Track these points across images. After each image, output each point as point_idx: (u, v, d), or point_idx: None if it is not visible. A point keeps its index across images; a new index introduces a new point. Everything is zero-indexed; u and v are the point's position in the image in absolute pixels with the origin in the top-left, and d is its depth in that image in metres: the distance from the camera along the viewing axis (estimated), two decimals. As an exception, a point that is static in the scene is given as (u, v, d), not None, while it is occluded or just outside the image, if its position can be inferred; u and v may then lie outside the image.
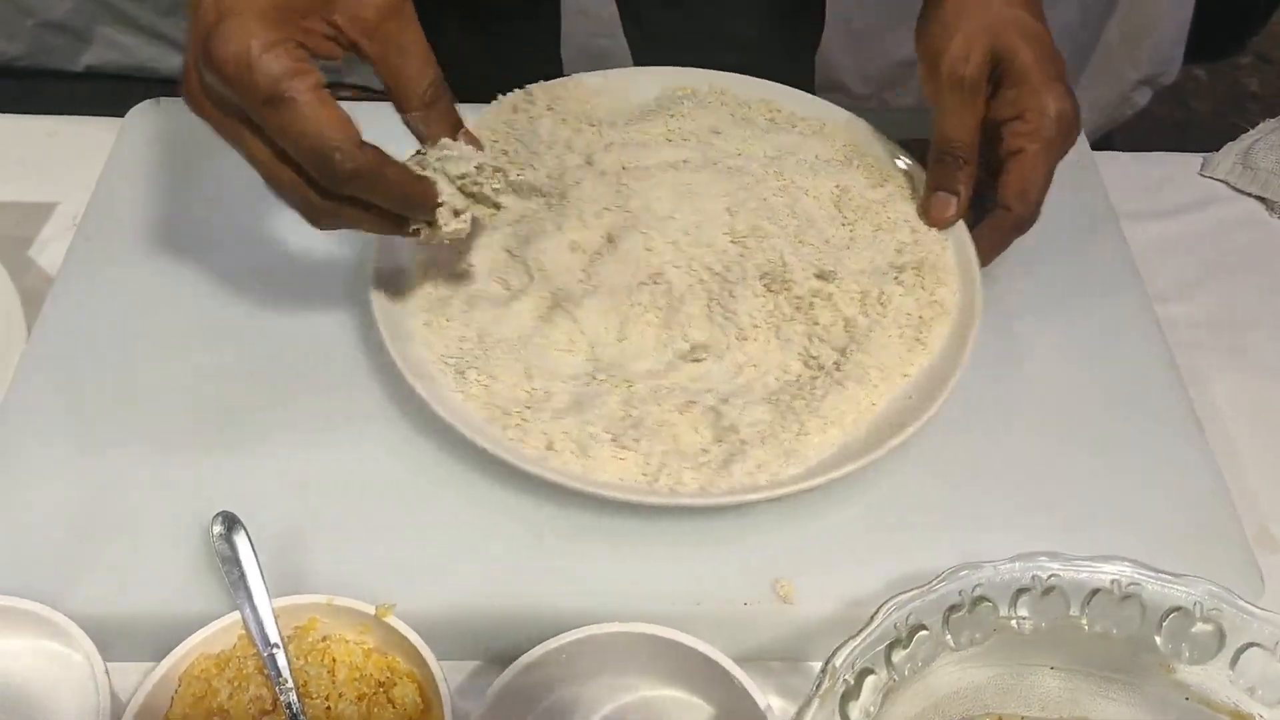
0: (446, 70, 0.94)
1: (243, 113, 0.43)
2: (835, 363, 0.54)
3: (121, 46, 1.78)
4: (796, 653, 0.51)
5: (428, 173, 0.47)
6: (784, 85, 0.68)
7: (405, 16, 0.46)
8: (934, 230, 0.60)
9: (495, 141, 0.64)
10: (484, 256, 0.58)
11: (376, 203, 0.45)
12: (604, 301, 0.56)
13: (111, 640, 0.47)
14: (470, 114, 0.66)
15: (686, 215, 0.60)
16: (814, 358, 0.55)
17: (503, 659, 0.47)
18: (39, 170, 0.71)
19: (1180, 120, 1.85)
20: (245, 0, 0.42)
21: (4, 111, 0.75)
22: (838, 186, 0.62)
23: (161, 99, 0.71)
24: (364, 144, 0.43)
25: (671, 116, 0.65)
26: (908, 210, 0.62)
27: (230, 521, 0.49)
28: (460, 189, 0.48)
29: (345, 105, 0.67)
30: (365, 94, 1.89)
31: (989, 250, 0.58)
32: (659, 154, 0.63)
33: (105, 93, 1.79)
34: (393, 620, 0.47)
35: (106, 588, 0.49)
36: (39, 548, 0.50)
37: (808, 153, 0.64)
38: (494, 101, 0.65)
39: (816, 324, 0.56)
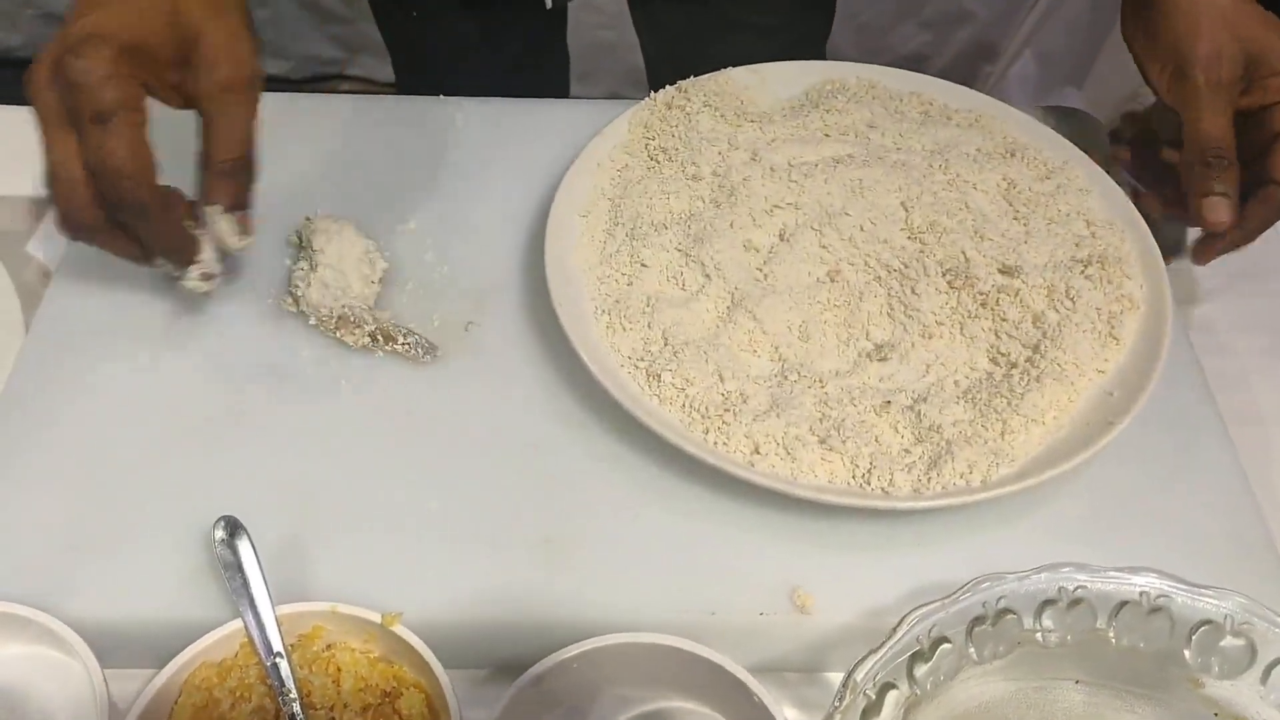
0: (455, 63, 0.94)
1: (71, 115, 0.48)
2: (1028, 359, 0.54)
3: (119, 39, 1.80)
4: (813, 663, 0.50)
5: (199, 232, 0.51)
6: (934, 78, 0.68)
7: (245, 94, 0.50)
8: (1110, 223, 0.61)
9: (652, 139, 0.65)
10: (657, 257, 0.58)
11: (141, 236, 0.49)
12: (784, 301, 0.56)
13: (110, 647, 0.46)
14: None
15: (861, 211, 0.60)
16: (1003, 354, 0.55)
17: (511, 668, 0.46)
18: (36, 163, 0.66)
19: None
20: (116, 26, 0.47)
21: (5, 103, 0.72)
22: (1004, 179, 0.63)
23: None
24: (157, 185, 0.48)
25: (827, 112, 0.65)
26: (1078, 202, 0.62)
27: (233, 526, 0.48)
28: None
29: (347, 98, 0.70)
30: (366, 86, 1.82)
31: (1257, 228, 0.59)
32: (820, 149, 0.63)
33: None
34: (399, 629, 0.46)
35: (104, 593, 0.48)
36: (36, 551, 0.49)
37: (969, 146, 0.64)
38: (646, 98, 0.66)
39: (1004, 320, 0.56)
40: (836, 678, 0.51)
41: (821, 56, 0.97)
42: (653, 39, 1.00)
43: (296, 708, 0.45)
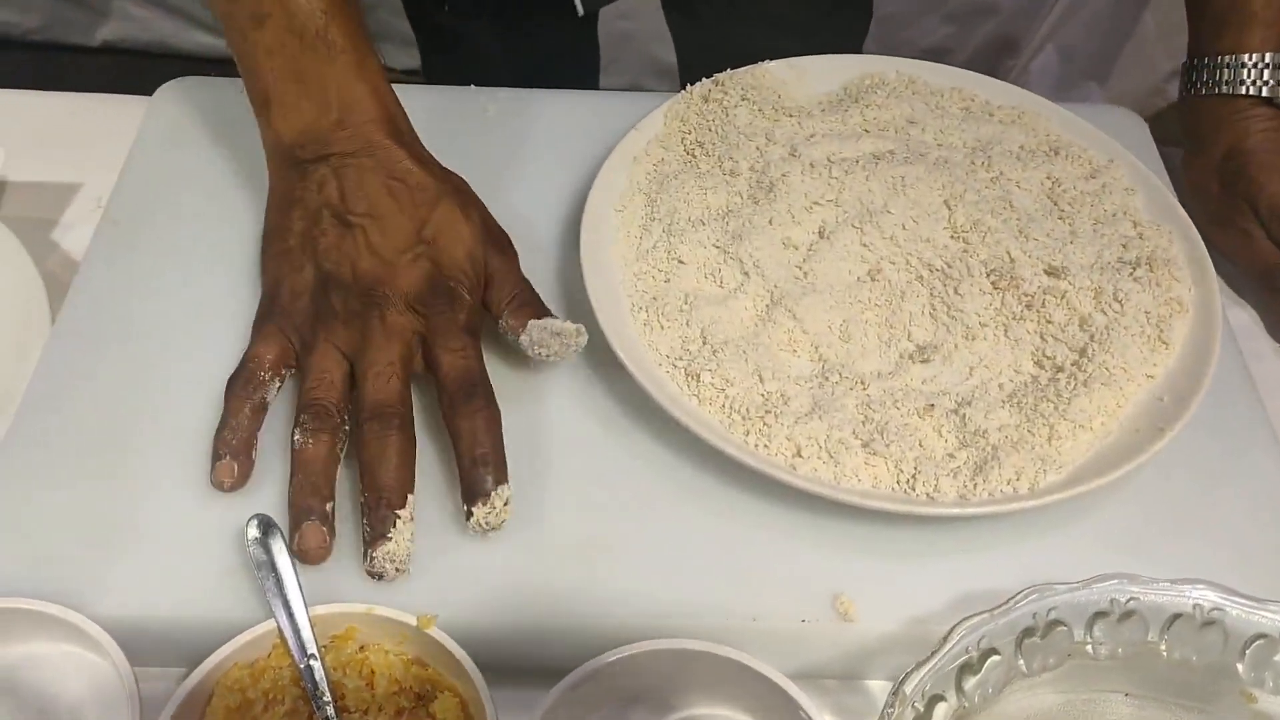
0: (484, 54, 0.96)
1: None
2: (1075, 363, 0.53)
3: (139, 21, 1.77)
4: (852, 671, 0.49)
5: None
6: (974, 73, 0.67)
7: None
8: (1156, 224, 0.60)
9: (688, 133, 0.64)
10: (695, 253, 0.57)
11: (362, 458, 0.49)
12: (824, 300, 0.55)
13: (139, 645, 0.45)
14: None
15: (902, 209, 0.59)
16: (1049, 358, 0.54)
17: (546, 672, 0.45)
18: (62, 150, 0.68)
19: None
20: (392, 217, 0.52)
21: (21, 87, 0.73)
22: (1048, 178, 0.62)
23: (190, 78, 0.69)
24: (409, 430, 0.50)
25: (866, 107, 0.64)
26: (1123, 202, 0.61)
27: (266, 525, 0.47)
28: None
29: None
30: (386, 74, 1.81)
31: None
32: (860, 145, 0.62)
33: (123, 69, 1.79)
34: (434, 631, 0.45)
35: (134, 591, 0.47)
36: (65, 549, 0.48)
37: (1011, 143, 0.63)
38: (682, 91, 0.66)
39: (1050, 322, 0.55)
40: (877, 685, 0.51)
41: (859, 51, 0.97)
42: (685, 33, 0.99)
43: (330, 711, 0.44)
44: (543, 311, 0.54)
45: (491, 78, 0.71)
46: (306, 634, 0.45)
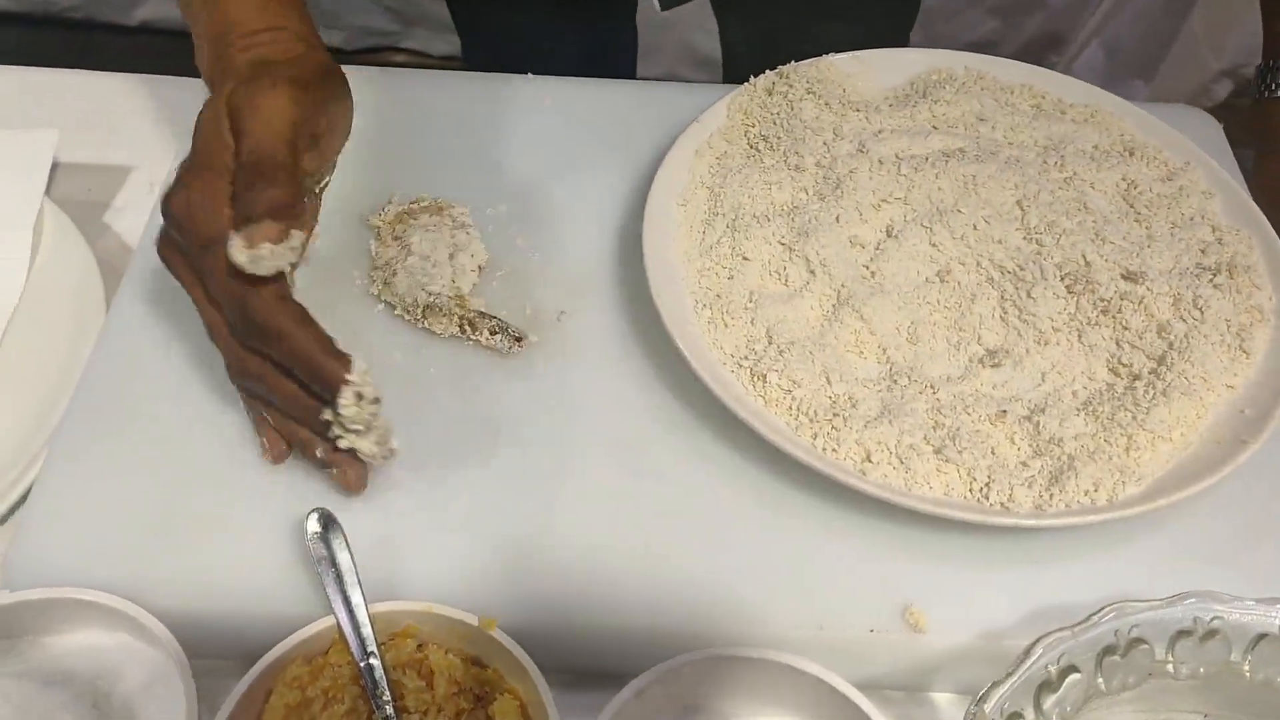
0: (524, 39, 0.93)
1: (190, 259, 0.47)
2: (1153, 371, 0.51)
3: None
4: (918, 683, 0.48)
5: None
6: (1045, 69, 0.66)
7: None
8: (1235, 229, 0.58)
9: (752, 126, 0.62)
10: (759, 250, 0.56)
11: (284, 363, 0.46)
12: (892, 300, 0.54)
13: (195, 638, 0.45)
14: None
15: (973, 209, 0.57)
16: (1125, 365, 0.52)
17: (604, 676, 0.45)
18: (113, 131, 0.68)
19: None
20: (207, 163, 0.47)
21: (58, 64, 0.72)
22: (1124, 179, 0.60)
23: None
24: (286, 297, 0.46)
25: (935, 103, 0.63)
26: (1201, 206, 0.59)
27: (326, 519, 0.46)
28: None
29: (424, 74, 0.67)
30: (420, 60, 1.80)
31: None
32: (929, 143, 0.60)
33: (160, 48, 1.66)
34: (496, 632, 0.44)
35: (191, 584, 0.46)
36: (122, 539, 0.48)
37: (1084, 142, 0.62)
38: (746, 83, 0.64)
39: (1126, 328, 0.53)
40: (943, 698, 0.49)
41: (905, 44, 0.95)
42: (731, 22, 0.98)
43: (390, 710, 0.44)
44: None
45: (530, 64, 0.70)
46: (366, 631, 0.44)
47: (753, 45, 0.96)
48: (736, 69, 0.98)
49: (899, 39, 0.94)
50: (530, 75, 0.69)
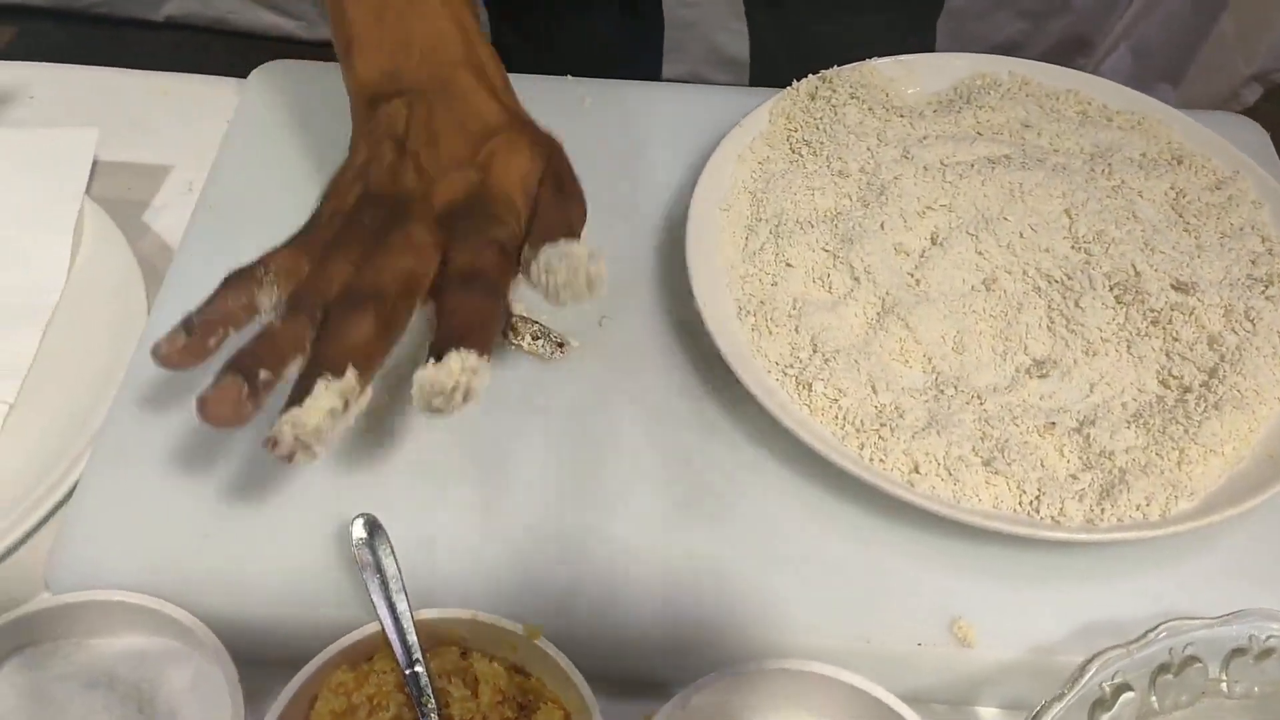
0: (548, 40, 0.94)
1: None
2: (1204, 384, 0.51)
3: (203, -4, 1.75)
4: (965, 697, 0.48)
5: None
6: (1091, 75, 0.65)
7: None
8: None
9: (794, 131, 0.62)
10: (803, 256, 0.55)
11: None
12: (938, 309, 0.53)
13: (239, 642, 0.44)
14: (743, 99, 0.64)
15: (1020, 217, 0.56)
16: (1175, 377, 0.52)
17: (646, 686, 0.45)
18: (151, 130, 0.67)
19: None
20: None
21: (84, 60, 0.72)
22: (1172, 188, 0.59)
23: (283, 61, 0.68)
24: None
25: (980, 109, 0.62)
26: (1251, 216, 0.58)
27: (372, 525, 0.46)
28: None
29: None
30: None
31: None
32: (974, 149, 0.60)
33: (186, 44, 1.78)
34: (541, 641, 0.44)
35: (235, 588, 0.46)
36: (165, 543, 0.47)
37: (1132, 150, 0.61)
38: (788, 87, 0.63)
39: (1177, 340, 0.52)
40: (988, 713, 0.49)
41: (932, 35, 0.95)
42: (762, 23, 0.98)
43: (435, 718, 0.43)
44: None
45: (556, 61, 0.70)
46: (412, 638, 0.44)
47: (781, 48, 0.95)
48: (765, 65, 0.99)
49: (925, 30, 0.94)
50: (569, 76, 0.68)
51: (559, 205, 0.49)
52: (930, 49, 0.92)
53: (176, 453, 0.50)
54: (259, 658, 0.46)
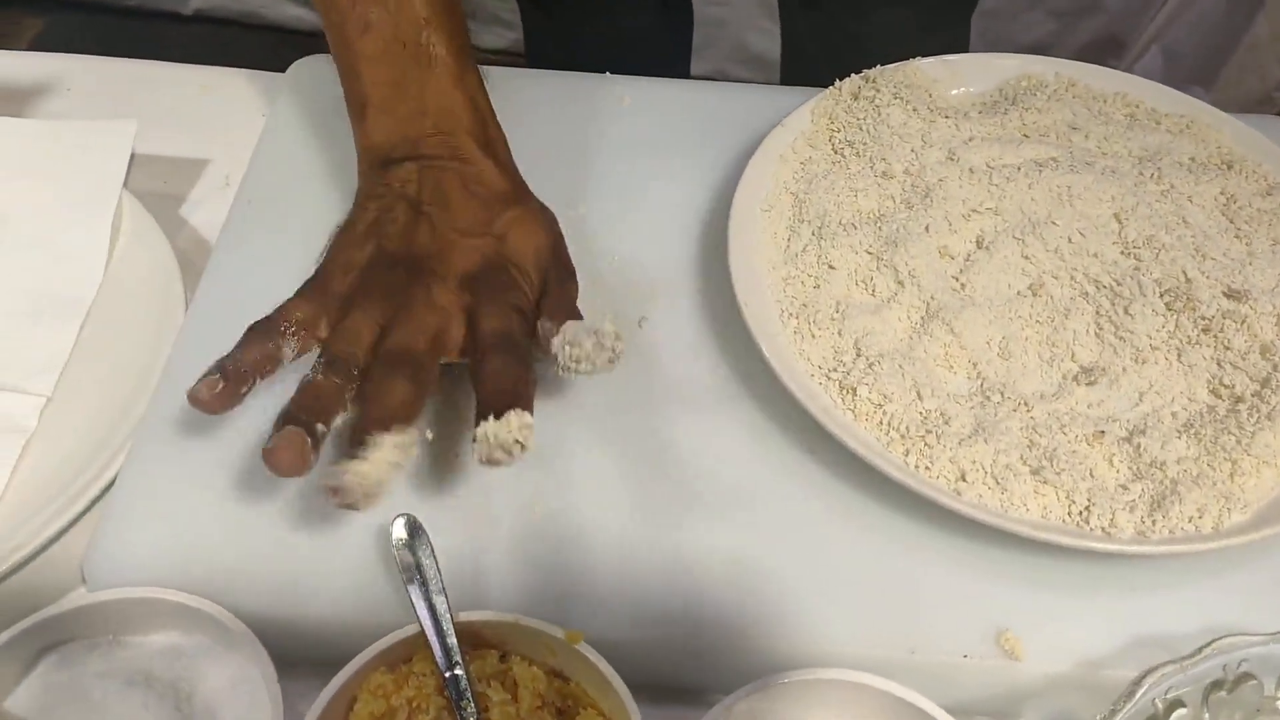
0: (578, 36, 0.94)
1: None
2: (1256, 394, 0.50)
3: (232, -11, 1.75)
4: (1009, 710, 0.47)
5: None
6: (1138, 77, 0.64)
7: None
8: None
9: (837, 131, 0.61)
10: (846, 259, 0.54)
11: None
12: (983, 314, 0.52)
13: (277, 642, 0.44)
14: (785, 97, 0.64)
15: (1068, 221, 0.55)
16: (1227, 386, 0.51)
17: (685, 693, 0.45)
18: (188, 124, 0.67)
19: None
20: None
21: (113, 53, 0.72)
22: (1222, 193, 0.58)
23: (321, 55, 0.67)
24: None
25: (1026, 110, 0.61)
26: (1305, 222, 0.57)
27: (413, 526, 0.45)
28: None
29: (498, 70, 0.64)
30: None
31: None
32: (1021, 151, 0.59)
33: (215, 38, 1.77)
34: (582, 646, 0.43)
35: (274, 587, 0.46)
36: (203, 541, 0.47)
37: (1181, 154, 0.60)
38: (830, 87, 0.63)
39: (1228, 349, 0.51)
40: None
41: (966, 32, 0.94)
42: (795, 22, 0.97)
43: (475, 724, 0.43)
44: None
45: (586, 58, 0.69)
46: (452, 641, 0.44)
47: (814, 47, 0.94)
48: (797, 63, 0.98)
49: (959, 28, 0.93)
50: (608, 74, 0.68)
51: (562, 280, 0.52)
52: (964, 48, 0.91)
53: (215, 450, 0.50)
54: (294, 657, 0.46)
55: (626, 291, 0.57)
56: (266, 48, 1.35)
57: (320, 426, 0.44)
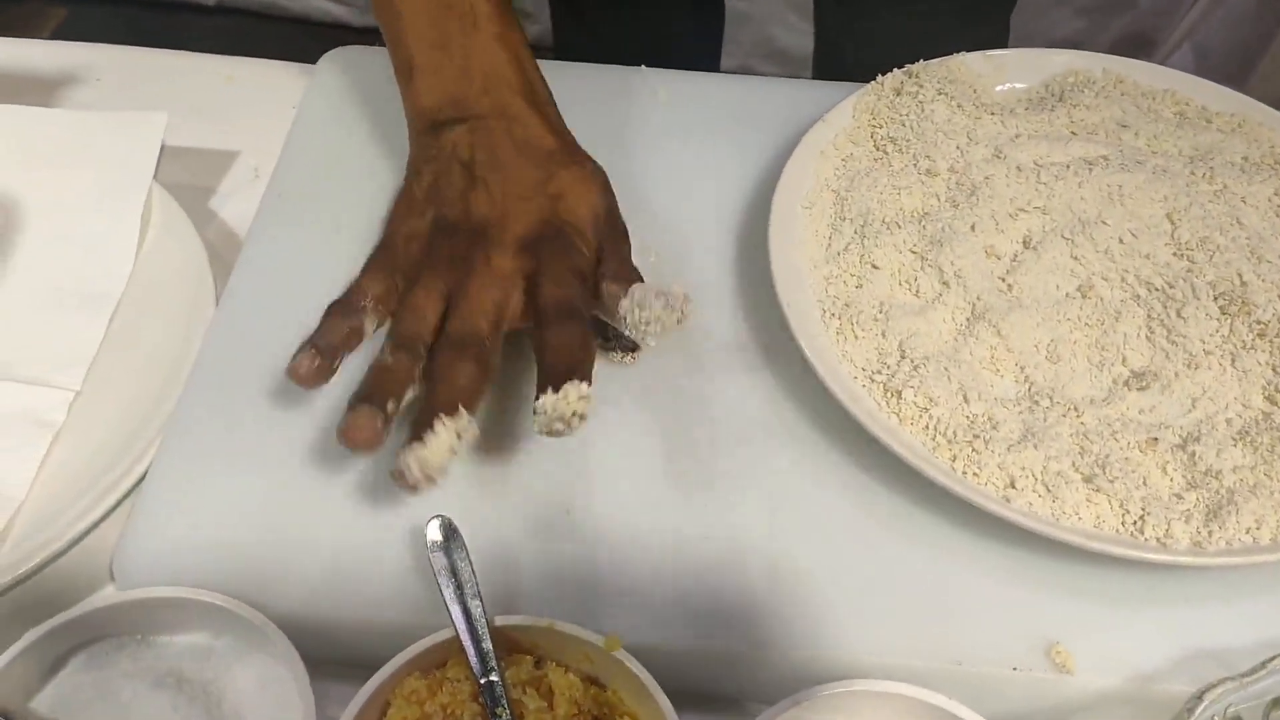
0: (609, 30, 0.94)
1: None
2: (1314, 401, 0.48)
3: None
4: None
5: None
6: (1188, 74, 0.62)
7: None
8: None
9: (879, 127, 0.60)
10: (890, 258, 0.53)
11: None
12: (1031, 316, 0.51)
13: (310, 645, 0.43)
14: (824, 93, 0.62)
15: (1119, 221, 0.54)
16: (1283, 393, 0.49)
17: (724, 702, 0.44)
18: (218, 116, 0.66)
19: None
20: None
21: (136, 44, 0.71)
22: (1276, 194, 0.56)
23: (351, 47, 0.67)
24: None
25: (1074, 107, 0.60)
26: (1362, 225, 0.55)
27: (449, 528, 0.44)
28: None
29: None
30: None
31: None
32: (1069, 149, 0.57)
33: (238, 29, 1.78)
34: (620, 653, 0.42)
35: (306, 588, 0.45)
36: (233, 540, 0.46)
37: (1233, 154, 0.58)
38: (872, 82, 0.61)
39: (1285, 354, 0.50)
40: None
41: (1005, 29, 0.92)
42: (830, 16, 0.96)
43: (511, 732, 0.42)
44: None
45: (615, 52, 0.69)
46: (487, 646, 0.42)
47: (849, 29, 0.93)
48: (830, 58, 0.96)
49: (999, 24, 0.91)
50: (643, 67, 0.67)
51: (618, 241, 0.52)
52: (1003, 44, 0.90)
53: (246, 446, 0.49)
54: (325, 659, 0.45)
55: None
56: (289, 40, 1.34)
57: (391, 404, 0.45)
